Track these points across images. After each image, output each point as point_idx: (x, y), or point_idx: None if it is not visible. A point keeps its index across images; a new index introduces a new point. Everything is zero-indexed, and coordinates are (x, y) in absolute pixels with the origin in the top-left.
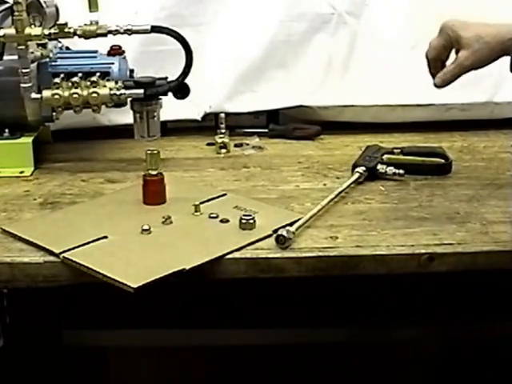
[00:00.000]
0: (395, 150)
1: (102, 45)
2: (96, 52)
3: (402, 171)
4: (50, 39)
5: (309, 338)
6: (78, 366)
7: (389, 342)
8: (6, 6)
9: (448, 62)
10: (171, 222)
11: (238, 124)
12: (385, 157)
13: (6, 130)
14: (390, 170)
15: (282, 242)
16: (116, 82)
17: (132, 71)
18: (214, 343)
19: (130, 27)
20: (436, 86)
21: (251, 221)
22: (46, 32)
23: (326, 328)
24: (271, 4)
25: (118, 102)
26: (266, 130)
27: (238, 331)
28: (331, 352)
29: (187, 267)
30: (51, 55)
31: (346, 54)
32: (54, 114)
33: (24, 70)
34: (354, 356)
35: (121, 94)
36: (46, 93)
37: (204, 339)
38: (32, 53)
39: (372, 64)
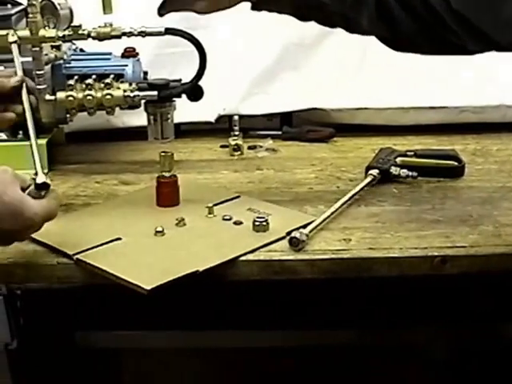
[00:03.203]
0: (408, 153)
1: (116, 47)
2: (110, 54)
3: (415, 174)
4: (64, 41)
5: (319, 340)
6: (92, 367)
7: (400, 345)
8: (20, 7)
9: None
10: (185, 224)
11: (252, 126)
12: (398, 159)
13: (20, 132)
14: (404, 172)
15: (296, 244)
16: (130, 84)
17: (146, 73)
18: (228, 345)
19: (143, 29)
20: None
21: (265, 223)
22: (60, 34)
23: (337, 330)
24: None
25: (131, 104)
26: (280, 133)
27: (252, 333)
28: (342, 354)
29: (201, 269)
30: (65, 57)
31: (359, 57)
32: (67, 115)
33: (38, 72)
34: (365, 358)
35: (135, 96)
36: (60, 94)
37: (217, 341)
38: (46, 55)
39: (385, 66)
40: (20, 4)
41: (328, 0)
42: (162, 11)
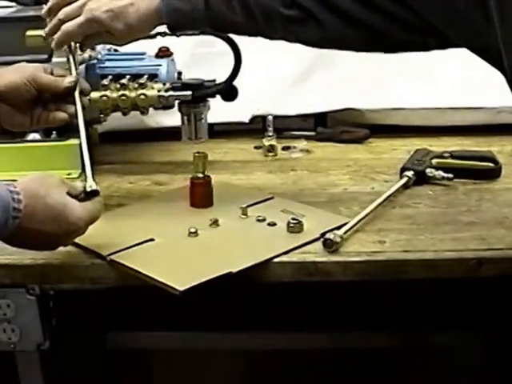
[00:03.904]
0: (444, 154)
1: (150, 47)
2: (144, 54)
3: (450, 175)
4: None
5: (352, 343)
6: (122, 368)
7: (433, 348)
8: None
9: None
10: (218, 225)
11: (286, 127)
12: (434, 161)
13: (54, 132)
14: (439, 174)
15: (330, 245)
16: (164, 84)
17: (180, 73)
18: (259, 347)
19: None
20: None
21: (299, 224)
22: None
23: (368, 333)
24: None
25: (165, 104)
26: (314, 133)
27: (282, 335)
28: (374, 357)
29: (234, 270)
30: (99, 57)
31: (394, 56)
32: (101, 115)
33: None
34: (398, 362)
35: (169, 96)
36: (94, 94)
37: (248, 343)
38: (80, 54)
39: (421, 67)
40: None
41: (241, 19)
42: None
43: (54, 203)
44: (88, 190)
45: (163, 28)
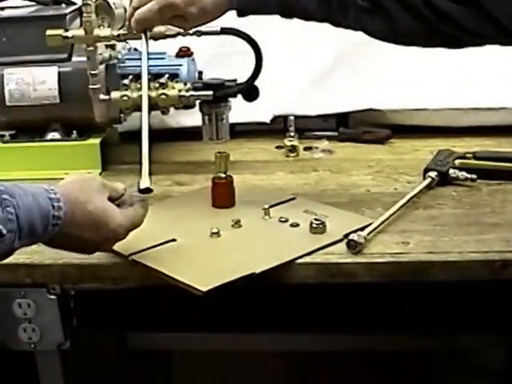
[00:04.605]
0: (467, 155)
1: (171, 46)
2: (164, 53)
3: (474, 176)
4: (119, 41)
5: (375, 345)
6: (143, 369)
7: (456, 350)
8: (75, 7)
9: None
10: (240, 226)
11: (307, 127)
12: (457, 161)
13: (74, 132)
14: (462, 174)
15: (354, 246)
16: (185, 84)
17: (201, 73)
18: (279, 348)
19: (199, 28)
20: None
21: (322, 225)
22: (115, 33)
23: (394, 335)
24: None
25: (186, 104)
26: (336, 134)
27: (304, 336)
28: (400, 359)
29: (257, 271)
30: (120, 56)
31: (416, 56)
32: (121, 115)
33: (92, 72)
34: (420, 363)
35: (190, 96)
36: (115, 94)
37: (268, 344)
38: (100, 54)
39: (443, 67)
40: (74, 3)
41: (314, 7)
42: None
43: (94, 209)
44: (141, 187)
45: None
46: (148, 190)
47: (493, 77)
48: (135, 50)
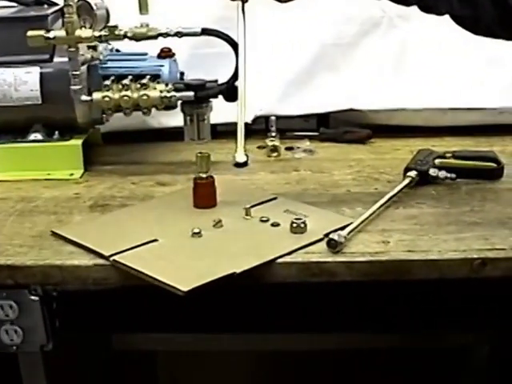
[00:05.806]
0: (447, 154)
1: (152, 47)
2: (146, 54)
3: (453, 175)
4: (101, 41)
5: (357, 344)
6: (128, 369)
7: (440, 349)
8: (57, 8)
9: None
10: (222, 226)
11: (289, 127)
12: (436, 161)
13: (56, 132)
14: (442, 174)
15: (334, 246)
16: (166, 85)
17: (182, 74)
18: (265, 348)
19: (180, 29)
20: None
21: (302, 224)
22: (97, 34)
23: (379, 334)
24: (321, 8)
25: (168, 105)
26: (317, 134)
27: (286, 336)
28: (383, 358)
29: (238, 271)
30: (101, 57)
31: (396, 58)
32: (103, 116)
33: (74, 72)
34: (405, 362)
35: (171, 97)
36: (97, 95)
37: (254, 344)
38: (82, 55)
39: (423, 67)
40: (56, 4)
41: None
42: None
43: None
44: (239, 161)
45: (165, 29)
46: (245, 164)
47: (471, 77)
48: (117, 50)
